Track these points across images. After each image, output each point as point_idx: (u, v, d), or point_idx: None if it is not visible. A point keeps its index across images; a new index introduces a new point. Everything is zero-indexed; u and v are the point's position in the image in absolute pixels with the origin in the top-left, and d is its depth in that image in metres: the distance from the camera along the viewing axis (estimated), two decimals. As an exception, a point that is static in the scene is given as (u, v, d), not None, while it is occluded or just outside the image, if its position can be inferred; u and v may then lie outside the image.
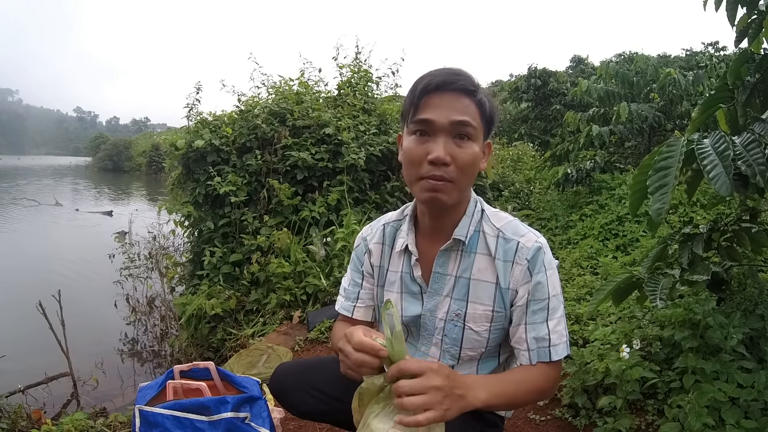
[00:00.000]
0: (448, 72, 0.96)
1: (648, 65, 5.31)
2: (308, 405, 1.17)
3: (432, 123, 0.94)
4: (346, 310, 1.19)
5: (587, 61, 16.37)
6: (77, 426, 2.05)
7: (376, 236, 1.17)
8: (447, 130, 0.94)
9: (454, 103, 0.95)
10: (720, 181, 1.23)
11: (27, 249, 7.92)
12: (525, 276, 1.00)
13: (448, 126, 0.94)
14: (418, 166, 0.96)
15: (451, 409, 0.81)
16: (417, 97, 0.96)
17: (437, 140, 0.94)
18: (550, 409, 1.97)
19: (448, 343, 1.05)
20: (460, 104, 0.95)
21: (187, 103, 4.24)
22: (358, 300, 1.18)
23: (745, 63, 1.72)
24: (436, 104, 0.94)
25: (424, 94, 0.95)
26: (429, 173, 0.95)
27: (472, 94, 0.96)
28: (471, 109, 0.96)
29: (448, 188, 0.96)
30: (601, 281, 2.97)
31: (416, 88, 0.97)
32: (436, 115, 0.94)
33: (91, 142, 46.37)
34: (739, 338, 1.62)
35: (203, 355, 3.43)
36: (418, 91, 0.96)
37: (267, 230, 3.72)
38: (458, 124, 0.94)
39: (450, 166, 0.94)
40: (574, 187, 5.05)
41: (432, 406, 0.79)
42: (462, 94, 0.95)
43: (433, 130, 0.95)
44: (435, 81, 0.95)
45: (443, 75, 0.95)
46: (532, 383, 0.97)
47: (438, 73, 0.96)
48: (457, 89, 0.95)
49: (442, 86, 0.95)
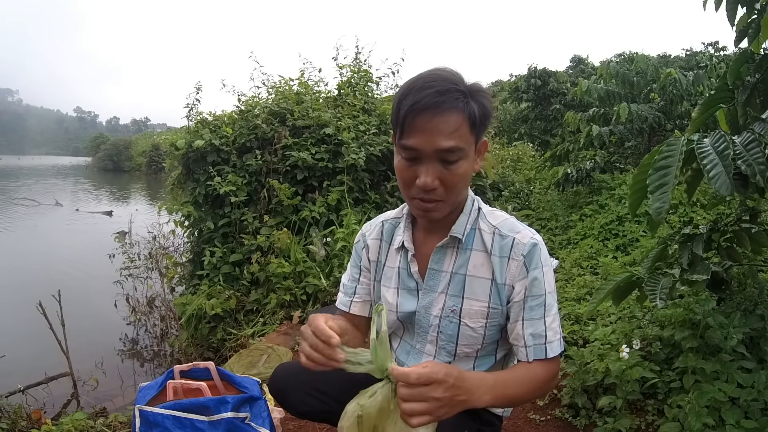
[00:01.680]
0: (433, 92, 0.89)
1: (648, 65, 5.31)
2: (307, 405, 1.17)
3: (418, 150, 0.92)
4: (343, 305, 1.20)
5: (587, 61, 16.36)
6: (77, 426, 2.05)
7: (374, 232, 1.19)
8: (433, 157, 0.92)
9: (441, 125, 0.90)
10: (720, 180, 1.23)
11: (27, 249, 7.92)
12: (521, 271, 1.00)
13: (433, 154, 0.92)
14: (408, 187, 0.97)
15: (447, 415, 0.80)
16: (402, 117, 0.91)
17: (425, 166, 0.93)
18: (550, 409, 1.97)
19: (443, 339, 1.06)
20: (448, 126, 0.90)
21: (187, 103, 4.24)
22: (355, 295, 1.19)
23: (745, 63, 1.72)
24: (422, 128, 0.90)
25: (409, 115, 0.90)
26: (419, 195, 0.96)
27: (460, 109, 0.91)
28: (460, 128, 0.91)
29: (439, 207, 0.98)
30: (601, 281, 2.97)
31: (401, 104, 0.91)
32: (421, 143, 0.91)
33: (91, 142, 46.39)
34: (739, 338, 1.62)
35: (203, 355, 3.43)
36: (403, 111, 0.91)
37: (267, 230, 3.72)
38: (445, 152, 0.91)
39: (438, 189, 0.95)
40: (574, 187, 5.05)
41: (429, 413, 0.78)
42: (449, 113, 0.90)
43: (420, 156, 0.93)
44: (420, 103, 0.89)
45: (429, 96, 0.89)
46: (534, 381, 0.97)
47: (423, 92, 0.89)
48: (443, 110, 0.90)
49: (427, 109, 0.89)
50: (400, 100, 0.92)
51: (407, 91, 0.92)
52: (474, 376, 0.90)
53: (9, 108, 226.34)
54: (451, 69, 0.97)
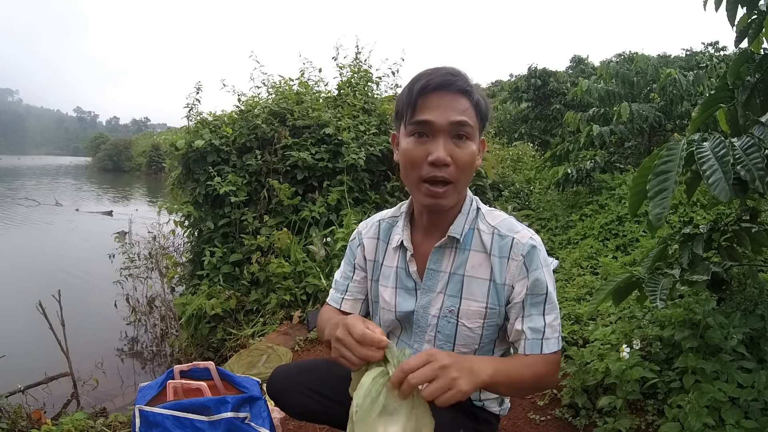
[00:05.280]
0: (445, 72, 0.96)
1: (648, 65, 5.31)
2: (304, 406, 1.18)
3: (431, 124, 0.95)
4: (334, 301, 1.21)
5: (587, 61, 16.36)
6: (77, 426, 2.05)
7: (371, 231, 1.19)
8: (446, 131, 0.95)
9: (453, 103, 0.95)
10: (719, 186, 1.23)
11: (27, 249, 7.92)
12: (521, 271, 1.01)
13: (447, 126, 0.95)
14: (418, 167, 0.97)
15: (461, 378, 0.82)
16: (414, 97, 0.95)
17: (437, 141, 0.95)
18: (550, 409, 1.97)
19: (441, 339, 1.06)
20: (459, 104, 0.95)
21: (187, 103, 4.24)
22: (347, 293, 1.20)
23: (745, 63, 1.72)
24: (435, 105, 0.95)
25: (422, 95, 0.95)
26: (430, 174, 0.96)
27: (469, 94, 0.97)
28: (468, 109, 0.97)
29: (448, 192, 0.98)
30: (601, 281, 2.97)
31: (413, 87, 0.96)
32: (435, 116, 0.94)
33: (91, 142, 46.33)
34: (739, 338, 1.62)
35: (203, 355, 3.43)
36: (416, 92, 0.95)
37: (267, 230, 3.72)
38: (457, 125, 0.95)
39: (450, 167, 0.95)
40: (574, 187, 5.05)
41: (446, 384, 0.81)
42: (459, 94, 0.96)
43: (433, 131, 0.95)
44: (433, 82, 0.95)
45: (441, 75, 0.96)
46: (533, 369, 0.98)
47: (435, 73, 0.96)
48: (455, 90, 0.95)
49: (440, 87, 0.95)
50: (412, 85, 0.97)
51: (419, 77, 0.98)
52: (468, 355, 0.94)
53: (9, 108, 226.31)
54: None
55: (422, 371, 0.80)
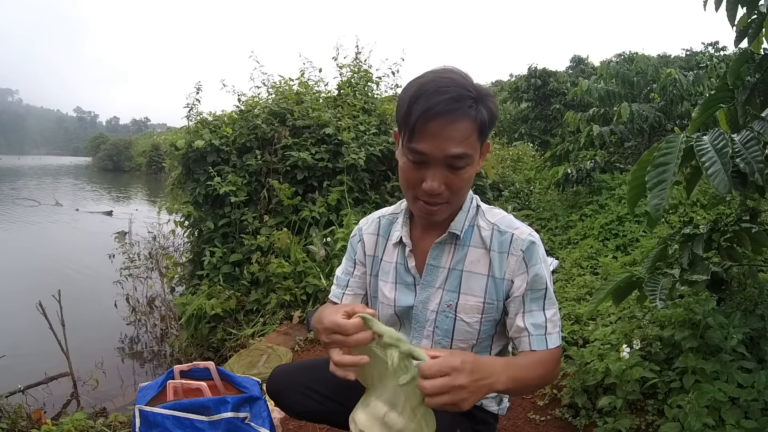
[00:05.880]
0: (448, 98, 0.88)
1: (648, 65, 5.31)
2: (303, 406, 1.19)
3: (427, 155, 0.91)
4: (335, 297, 1.22)
5: (587, 61, 16.38)
6: (77, 426, 2.05)
7: (371, 227, 1.20)
8: (442, 163, 0.92)
9: (453, 133, 0.89)
10: (718, 178, 1.23)
11: (27, 249, 7.92)
12: (520, 266, 1.01)
13: (443, 160, 0.91)
14: (413, 188, 0.97)
15: (469, 399, 0.79)
16: (413, 121, 0.89)
17: (432, 170, 0.93)
18: (550, 409, 1.96)
19: (439, 334, 1.07)
20: (458, 133, 0.89)
21: (187, 103, 4.24)
22: (348, 288, 1.21)
23: (745, 63, 1.72)
24: (434, 134, 0.89)
25: (421, 120, 0.88)
26: (423, 197, 0.97)
27: (473, 117, 0.90)
28: (470, 136, 0.91)
29: (443, 209, 0.99)
30: (601, 281, 2.97)
31: (412, 108, 0.89)
32: (432, 148, 0.90)
33: (91, 142, 46.35)
34: (739, 338, 1.62)
35: (203, 355, 3.43)
36: (415, 116, 0.88)
37: (267, 230, 3.72)
38: (454, 158, 0.91)
39: (444, 193, 0.95)
40: (574, 187, 5.05)
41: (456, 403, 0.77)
42: (462, 120, 0.89)
43: (428, 161, 0.92)
44: (434, 109, 0.87)
45: (443, 102, 0.87)
46: (542, 364, 0.98)
47: (437, 96, 0.88)
48: (457, 116, 0.89)
49: (440, 115, 0.88)
50: (411, 103, 0.89)
51: (418, 94, 0.89)
52: (486, 358, 0.90)
53: (9, 108, 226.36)
54: (461, 71, 0.95)
55: (437, 384, 0.76)
